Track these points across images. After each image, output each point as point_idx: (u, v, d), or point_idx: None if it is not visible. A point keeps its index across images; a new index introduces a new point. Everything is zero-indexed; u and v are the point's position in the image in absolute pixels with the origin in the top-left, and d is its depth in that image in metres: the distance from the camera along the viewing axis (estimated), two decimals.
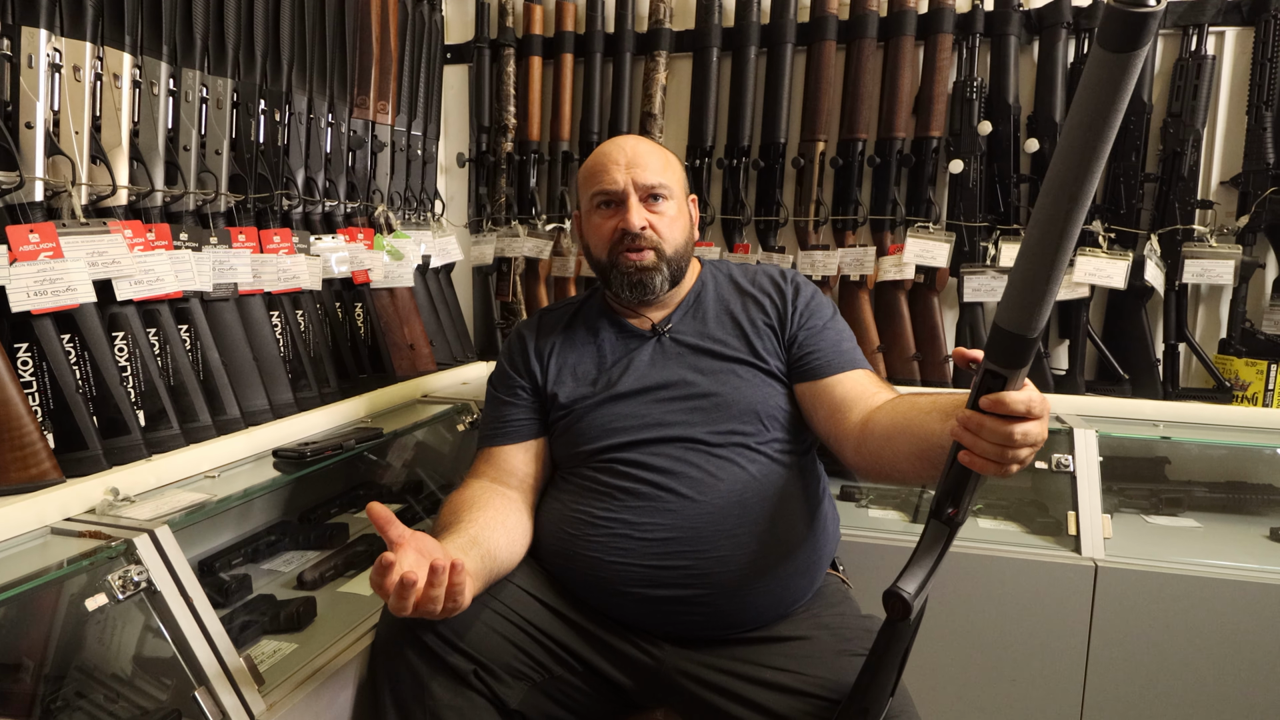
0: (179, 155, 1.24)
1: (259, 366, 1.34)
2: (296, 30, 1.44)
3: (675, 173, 1.26)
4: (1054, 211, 0.68)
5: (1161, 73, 1.65)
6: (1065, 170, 0.66)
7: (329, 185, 1.56)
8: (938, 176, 1.76)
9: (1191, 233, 1.61)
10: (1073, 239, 0.69)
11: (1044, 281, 0.71)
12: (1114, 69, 0.61)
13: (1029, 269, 0.72)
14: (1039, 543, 1.47)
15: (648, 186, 1.20)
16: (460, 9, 2.02)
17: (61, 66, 1.06)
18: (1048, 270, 0.70)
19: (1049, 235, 0.69)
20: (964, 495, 0.87)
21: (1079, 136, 0.64)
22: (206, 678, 0.89)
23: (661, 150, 1.26)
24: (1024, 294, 0.72)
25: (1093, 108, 0.63)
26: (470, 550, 1.02)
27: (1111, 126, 0.63)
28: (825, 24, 1.75)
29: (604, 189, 1.21)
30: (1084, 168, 0.65)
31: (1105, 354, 1.68)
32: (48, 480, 0.98)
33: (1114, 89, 0.61)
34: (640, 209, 1.20)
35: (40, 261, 1.00)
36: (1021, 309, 0.73)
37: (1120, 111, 0.63)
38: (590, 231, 1.25)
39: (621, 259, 1.21)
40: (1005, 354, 0.77)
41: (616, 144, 1.24)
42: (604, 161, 1.22)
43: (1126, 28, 0.59)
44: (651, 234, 1.21)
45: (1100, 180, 1.67)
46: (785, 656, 1.10)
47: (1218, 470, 1.67)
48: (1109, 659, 1.39)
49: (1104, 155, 0.65)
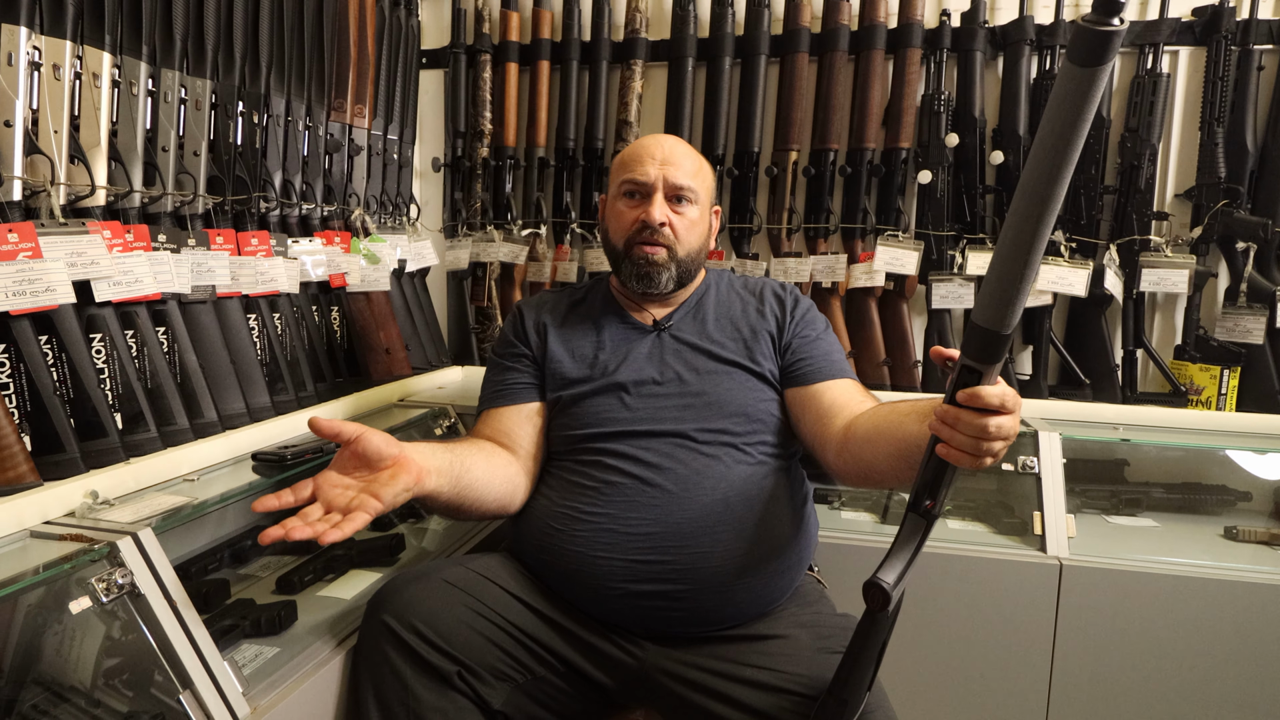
0: (157, 156, 1.23)
1: (236, 369, 1.33)
2: (275, 33, 1.44)
3: (705, 181, 1.29)
4: (1027, 214, 0.72)
5: (1119, 89, 1.72)
6: (1037, 175, 0.70)
7: (306, 188, 1.56)
8: (907, 186, 1.81)
9: (1148, 243, 1.68)
10: (1044, 240, 0.73)
11: (1018, 281, 0.75)
12: (1082, 82, 0.65)
13: (1004, 269, 0.75)
14: (1006, 542, 1.51)
15: (676, 186, 1.24)
16: (436, 14, 2.03)
17: (41, 65, 1.05)
18: (1021, 270, 0.74)
19: (1022, 237, 0.73)
20: (941, 488, 0.90)
21: (1050, 144, 0.68)
22: (191, 681, 0.88)
23: (698, 158, 1.30)
24: (999, 293, 0.76)
25: (1063, 117, 0.67)
26: (438, 452, 1.09)
27: (1080, 135, 0.68)
28: (798, 36, 1.79)
29: (634, 179, 1.24)
30: (1054, 173, 0.69)
31: (1067, 359, 1.74)
32: (25, 483, 0.97)
33: (1082, 100, 0.66)
34: (664, 206, 1.24)
35: (19, 261, 0.99)
36: (996, 307, 0.77)
37: (1087, 121, 0.67)
38: (613, 217, 1.28)
39: (636, 250, 1.25)
40: (981, 350, 0.80)
41: (657, 140, 1.28)
42: (640, 153, 1.26)
43: (1094, 44, 0.64)
44: (669, 232, 1.24)
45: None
46: (765, 654, 1.13)
47: (1174, 471, 1.74)
48: (1074, 655, 1.44)
49: (1073, 162, 0.69)
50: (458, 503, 1.11)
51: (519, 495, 1.21)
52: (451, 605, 1.09)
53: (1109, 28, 0.63)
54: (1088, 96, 0.66)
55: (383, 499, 0.97)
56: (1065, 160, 0.69)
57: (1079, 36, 0.64)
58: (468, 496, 1.12)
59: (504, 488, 1.18)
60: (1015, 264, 0.74)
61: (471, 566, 1.17)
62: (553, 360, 1.28)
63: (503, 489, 1.18)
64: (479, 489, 1.14)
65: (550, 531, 1.17)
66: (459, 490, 1.10)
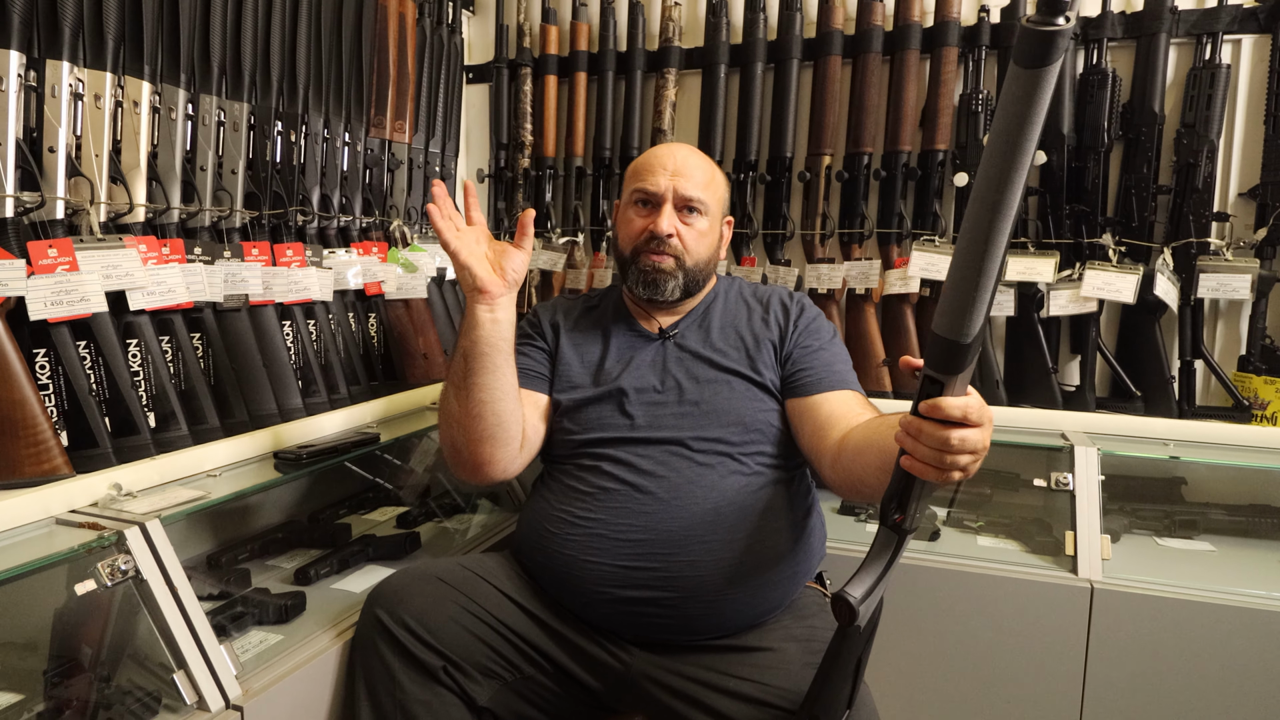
0: (196, 175, 1.33)
1: (269, 373, 1.42)
2: (312, 55, 1.53)
3: (717, 192, 1.29)
4: (977, 220, 0.69)
5: (1175, 83, 1.61)
6: (986, 181, 0.68)
7: (345, 201, 1.65)
8: (944, 189, 1.75)
9: (1206, 246, 1.56)
10: (999, 247, 0.70)
11: (972, 289, 0.72)
12: (1028, 84, 0.63)
13: (957, 277, 0.73)
14: (1037, 562, 1.44)
15: (685, 198, 1.25)
16: (482, 31, 2.10)
17: (83, 95, 1.15)
18: (975, 278, 0.71)
19: (974, 244, 0.70)
20: (910, 501, 0.87)
21: (999, 148, 0.66)
22: (186, 663, 0.95)
23: (710, 168, 1.30)
24: (953, 301, 0.73)
25: (1010, 121, 0.64)
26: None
27: (1029, 138, 0.65)
28: (831, 39, 1.77)
29: (644, 188, 1.26)
30: (1004, 178, 0.66)
31: (1117, 370, 1.64)
32: (58, 475, 1.07)
33: (1029, 102, 0.63)
34: (673, 216, 1.25)
35: (57, 274, 1.09)
36: (952, 315, 0.74)
37: (1036, 124, 0.64)
38: (623, 224, 1.30)
39: (643, 258, 1.26)
40: (940, 360, 0.78)
41: (669, 149, 1.29)
42: (652, 163, 1.27)
43: (1038, 45, 0.61)
44: (677, 242, 1.25)
45: (1111, 192, 1.64)
46: (751, 666, 1.12)
47: (1238, 492, 1.61)
48: (1107, 682, 1.36)
49: (1024, 166, 0.66)
50: (489, 369, 1.13)
51: (513, 446, 1.19)
52: (442, 602, 1.13)
53: (1052, 27, 0.61)
54: (1034, 99, 0.63)
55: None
56: (1015, 165, 0.66)
57: (1022, 37, 0.62)
58: (496, 381, 1.13)
59: (515, 420, 1.18)
60: (969, 272, 0.72)
61: (468, 565, 1.21)
62: (562, 361, 1.30)
63: (513, 420, 1.17)
64: (506, 389, 1.15)
65: (545, 534, 1.20)
66: (498, 366, 1.13)
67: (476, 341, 1.13)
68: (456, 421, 1.17)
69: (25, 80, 1.08)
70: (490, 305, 1.13)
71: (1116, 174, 1.65)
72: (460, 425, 1.16)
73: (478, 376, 1.13)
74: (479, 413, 1.15)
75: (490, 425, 1.16)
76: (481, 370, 1.13)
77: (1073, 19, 0.62)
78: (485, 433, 1.16)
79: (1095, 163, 1.62)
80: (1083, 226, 1.64)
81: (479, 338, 1.12)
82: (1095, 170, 1.63)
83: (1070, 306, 1.63)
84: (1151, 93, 1.58)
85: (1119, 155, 1.65)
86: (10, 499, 1.00)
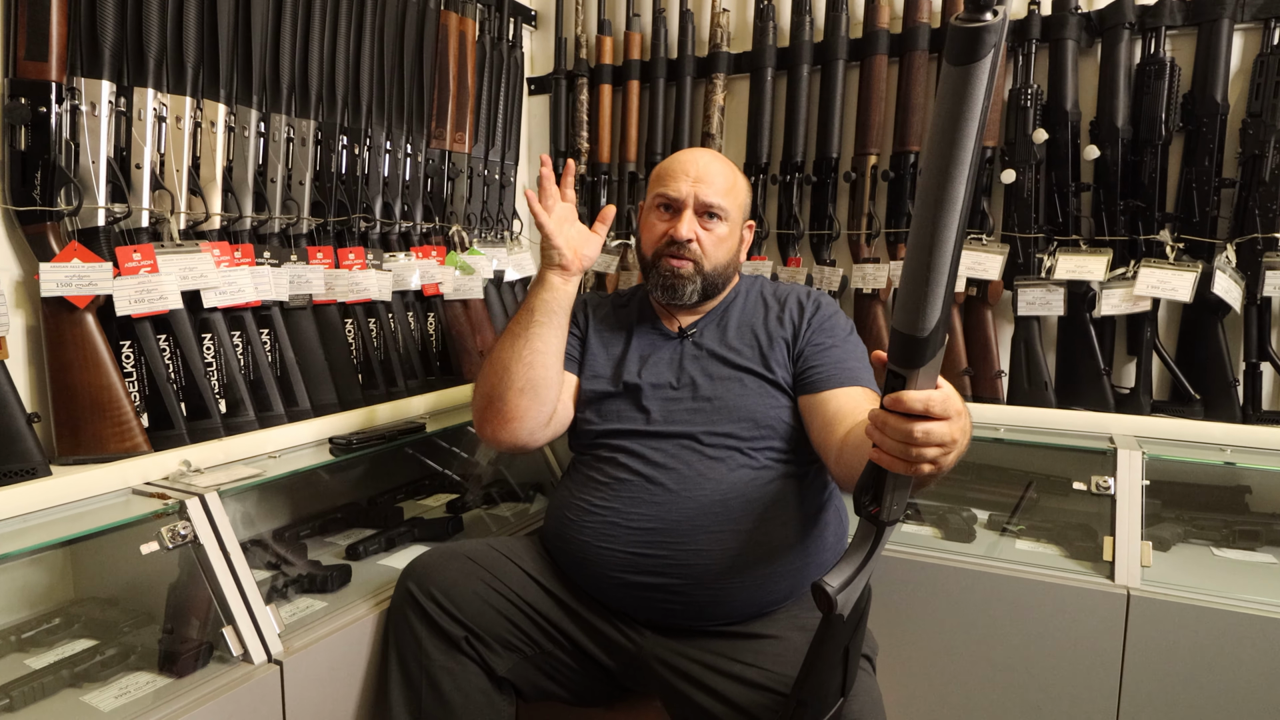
0: (266, 187, 1.47)
1: (331, 366, 1.55)
2: (375, 74, 1.66)
3: (738, 198, 1.34)
4: (922, 217, 0.71)
5: (1240, 71, 1.53)
6: (928, 177, 0.70)
7: (406, 208, 1.77)
8: (993, 187, 1.72)
9: (1274, 242, 1.48)
10: (947, 242, 0.71)
11: (923, 284, 0.74)
12: (959, 81, 0.65)
13: (909, 272, 0.75)
14: (1075, 567, 1.40)
15: (706, 204, 1.29)
16: (544, 44, 2.20)
17: (166, 118, 1.30)
18: (925, 273, 0.73)
19: (921, 239, 0.72)
20: (884, 493, 0.89)
21: (937, 144, 0.68)
22: (234, 619, 1.08)
23: (732, 173, 1.34)
24: (907, 297, 0.75)
25: (945, 117, 0.66)
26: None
27: (967, 134, 0.66)
28: (876, 39, 1.77)
29: (666, 194, 1.31)
30: (945, 174, 0.68)
31: (1174, 372, 1.57)
32: (138, 451, 1.22)
33: (961, 99, 0.65)
34: (693, 221, 1.30)
35: (140, 276, 1.24)
36: (907, 311, 0.76)
37: (972, 120, 0.66)
38: (645, 228, 1.36)
39: (663, 261, 1.31)
40: (901, 355, 0.80)
41: (691, 155, 1.34)
42: (675, 168, 1.32)
43: (967, 41, 0.63)
44: (696, 247, 1.30)
45: (1170, 187, 1.57)
46: (755, 652, 1.15)
47: None
48: (1144, 691, 1.31)
49: (965, 161, 0.68)
50: (550, 325, 1.26)
51: (546, 410, 1.27)
52: (468, 578, 1.22)
53: (979, 24, 0.63)
54: (966, 95, 0.65)
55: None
56: (955, 161, 0.68)
57: (951, 34, 0.64)
58: (553, 337, 1.26)
59: (553, 387, 1.27)
60: (919, 267, 0.74)
61: (496, 546, 1.29)
62: (589, 352, 1.37)
63: (553, 386, 1.27)
64: (556, 351, 1.27)
65: (565, 521, 1.27)
66: (560, 325, 1.27)
67: (547, 300, 1.26)
68: (504, 368, 1.25)
69: (115, 106, 1.24)
70: (565, 278, 1.27)
71: (1177, 168, 1.58)
72: (508, 371, 1.24)
73: (539, 329, 1.25)
74: (530, 360, 1.24)
75: (536, 377, 1.25)
76: (545, 324, 1.25)
77: (1002, 13, 0.63)
78: (529, 383, 1.25)
79: (1153, 156, 1.56)
80: (1139, 223, 1.58)
81: (550, 297, 1.26)
82: (1153, 164, 1.56)
83: (1123, 306, 1.57)
84: (1214, 81, 1.51)
85: (1179, 148, 1.58)
86: (95, 471, 1.15)
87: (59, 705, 1.01)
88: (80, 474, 1.13)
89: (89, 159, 1.22)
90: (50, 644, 1.13)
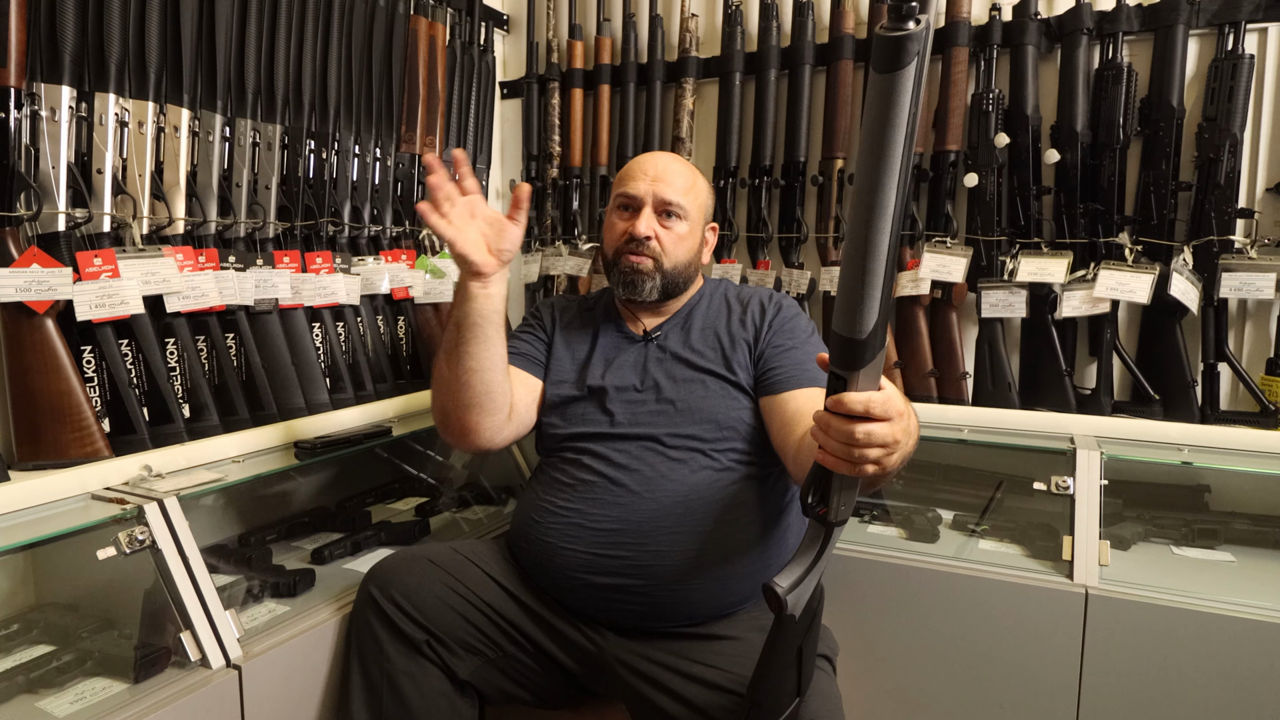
0: (231, 191, 1.47)
1: (298, 370, 1.55)
2: (343, 79, 1.66)
3: (698, 199, 1.35)
4: (856, 221, 0.73)
5: (1196, 75, 1.55)
6: (860, 183, 0.71)
7: (375, 212, 1.77)
8: (956, 190, 1.74)
9: (1229, 244, 1.50)
10: (880, 246, 0.72)
11: (859, 287, 0.75)
12: (886, 87, 0.66)
13: (845, 275, 0.76)
14: (1035, 566, 1.42)
15: (665, 202, 1.31)
16: (516, 48, 2.21)
17: (128, 123, 1.30)
18: (861, 276, 0.74)
19: (856, 244, 0.73)
20: (831, 494, 0.90)
21: (867, 149, 0.69)
22: (192, 624, 1.08)
23: (691, 175, 1.36)
24: (845, 300, 0.77)
25: (873, 124, 0.68)
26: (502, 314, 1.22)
27: (895, 140, 0.68)
28: (842, 44, 1.78)
29: (626, 193, 1.33)
30: (876, 180, 0.69)
31: (1134, 372, 1.60)
32: (99, 456, 1.22)
33: (889, 105, 0.66)
34: (652, 219, 1.31)
35: (101, 280, 1.24)
36: (844, 313, 0.77)
37: (899, 126, 0.67)
38: (607, 228, 1.38)
39: (623, 259, 1.33)
40: (841, 357, 0.81)
41: (651, 157, 1.37)
42: (635, 170, 1.35)
43: (891, 49, 0.65)
44: (655, 244, 1.31)
45: (1129, 190, 1.60)
46: (715, 654, 1.16)
47: (1266, 502, 1.53)
48: (1103, 690, 1.32)
49: (894, 167, 0.69)
50: (479, 339, 1.18)
51: (499, 417, 1.25)
52: (429, 581, 1.22)
53: (902, 32, 0.64)
54: (892, 102, 0.66)
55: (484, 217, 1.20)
56: (884, 167, 0.69)
57: (876, 43, 0.66)
58: (485, 351, 1.19)
59: (502, 392, 1.24)
60: (855, 270, 0.75)
61: (459, 550, 1.30)
62: (554, 355, 1.38)
63: (500, 392, 1.23)
64: (495, 360, 1.20)
65: (530, 523, 1.28)
66: (488, 337, 1.18)
67: (469, 313, 1.18)
68: (446, 387, 1.24)
69: (76, 111, 1.24)
70: (484, 282, 1.18)
71: (1135, 171, 1.60)
72: (449, 390, 1.23)
73: (468, 345, 1.19)
74: (467, 380, 1.21)
75: (478, 393, 1.22)
76: (472, 340, 1.19)
77: (925, 22, 0.65)
78: (472, 400, 1.22)
79: (1111, 160, 1.58)
80: (1099, 225, 1.60)
81: (471, 309, 1.18)
82: (1111, 168, 1.58)
83: (1084, 308, 1.59)
84: (1170, 86, 1.53)
85: (1138, 152, 1.60)
86: (55, 476, 1.14)
87: (14, 711, 1.01)
88: (39, 479, 1.13)
89: (49, 164, 1.22)
90: (8, 649, 1.12)
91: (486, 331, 1.19)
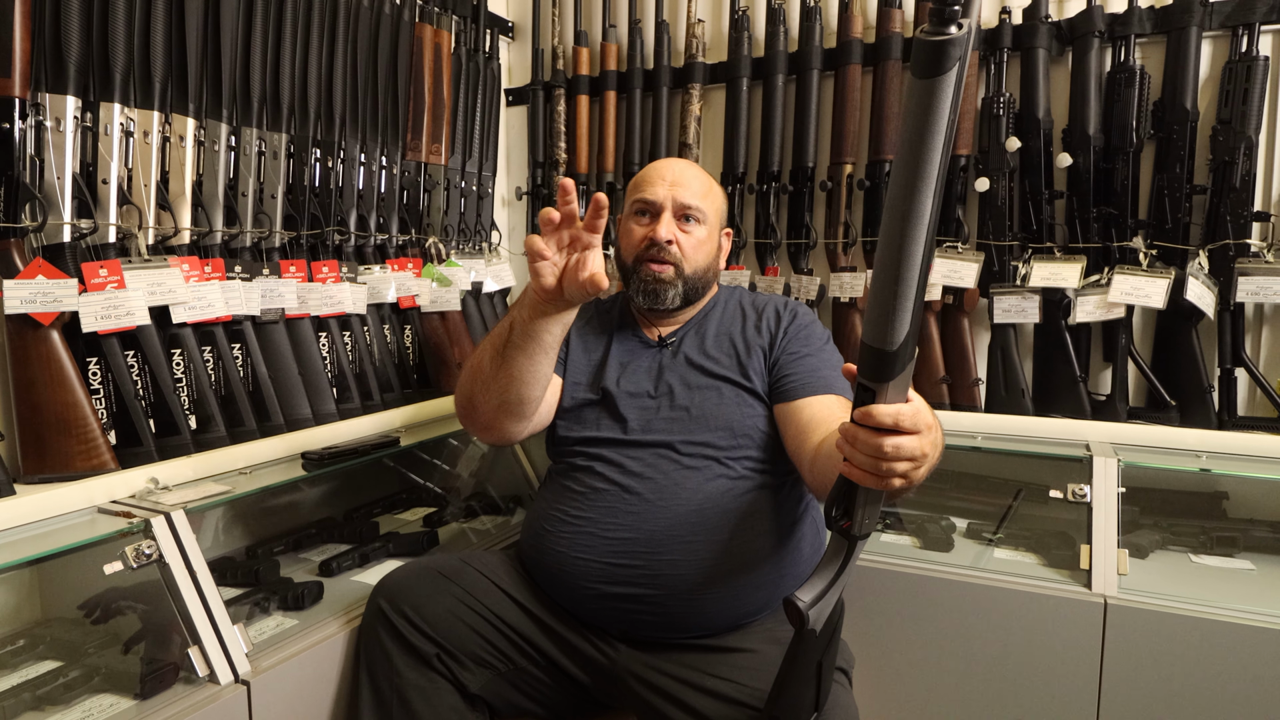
0: (237, 201, 1.46)
1: (305, 380, 1.54)
2: (348, 87, 1.65)
3: (714, 203, 1.34)
4: (890, 229, 0.71)
5: (1210, 78, 1.54)
6: (896, 189, 0.69)
7: (382, 221, 1.76)
8: (967, 195, 1.72)
9: (1246, 248, 1.48)
10: (914, 255, 0.70)
11: (891, 297, 0.73)
12: (925, 93, 0.64)
13: (877, 286, 0.74)
14: (1052, 576, 1.40)
15: (683, 206, 1.30)
16: (521, 55, 2.20)
17: (133, 132, 1.29)
18: (894, 286, 0.72)
19: (889, 253, 0.71)
20: (855, 507, 0.88)
21: (905, 157, 0.67)
22: (200, 639, 1.06)
23: (707, 180, 1.35)
24: (875, 310, 0.74)
25: (912, 130, 0.66)
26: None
27: (933, 147, 0.66)
28: (850, 48, 1.77)
29: (644, 198, 1.31)
30: (911, 186, 0.67)
31: (1150, 379, 1.58)
32: (105, 469, 1.21)
33: (927, 112, 0.64)
34: (671, 223, 1.30)
35: (106, 292, 1.23)
36: (875, 324, 0.75)
37: (938, 133, 0.65)
38: (623, 235, 1.36)
39: (644, 267, 1.31)
40: (870, 368, 0.79)
41: (668, 162, 1.36)
42: (651, 175, 1.33)
43: (932, 54, 0.63)
44: (676, 250, 1.30)
45: (1143, 194, 1.58)
46: (730, 666, 1.14)
47: None
48: (1123, 701, 1.30)
49: (931, 174, 0.67)
50: (532, 353, 1.13)
51: (525, 422, 1.23)
52: (439, 594, 1.20)
53: (943, 36, 0.63)
54: (932, 108, 0.64)
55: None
56: (921, 174, 0.67)
57: (916, 48, 0.64)
58: (533, 367, 1.14)
59: (534, 403, 1.21)
60: (887, 280, 0.73)
61: (469, 561, 1.28)
62: (572, 357, 1.36)
63: (532, 403, 1.20)
64: (539, 377, 1.17)
65: (541, 532, 1.26)
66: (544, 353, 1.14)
67: (529, 333, 1.12)
68: (481, 380, 1.19)
69: (81, 121, 1.23)
70: (562, 315, 1.11)
71: (1148, 174, 1.58)
72: (484, 385, 1.19)
73: (519, 355, 1.14)
74: (505, 384, 1.17)
75: (510, 400, 1.18)
76: (524, 353, 1.13)
77: (967, 26, 0.63)
78: (503, 403, 1.19)
79: (1125, 163, 1.57)
80: (1112, 230, 1.59)
81: (535, 331, 1.11)
82: (1125, 171, 1.57)
83: (1097, 313, 1.57)
84: (1183, 89, 1.52)
85: (1151, 155, 1.58)
86: (61, 490, 1.13)
87: None
88: (45, 493, 1.12)
89: (54, 175, 1.21)
90: (15, 666, 1.11)
91: (543, 346, 1.14)
